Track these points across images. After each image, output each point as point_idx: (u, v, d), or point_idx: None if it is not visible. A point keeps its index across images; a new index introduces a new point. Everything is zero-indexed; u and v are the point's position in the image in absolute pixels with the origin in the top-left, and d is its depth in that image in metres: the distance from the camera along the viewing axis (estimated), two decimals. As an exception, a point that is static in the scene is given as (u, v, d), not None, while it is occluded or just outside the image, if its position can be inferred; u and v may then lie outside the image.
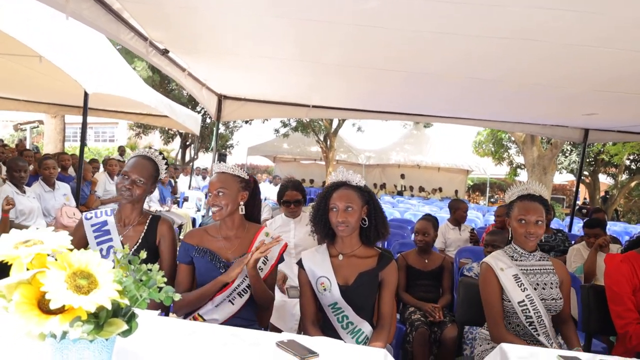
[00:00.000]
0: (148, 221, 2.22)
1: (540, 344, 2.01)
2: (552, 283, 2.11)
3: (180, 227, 7.32)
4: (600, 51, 2.89)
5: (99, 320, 0.92)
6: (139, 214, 2.24)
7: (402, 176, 19.70)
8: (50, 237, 0.94)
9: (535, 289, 2.07)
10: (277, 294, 2.53)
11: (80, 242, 2.15)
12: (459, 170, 20.27)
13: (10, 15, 3.35)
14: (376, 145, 20.83)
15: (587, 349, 2.40)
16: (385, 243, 4.80)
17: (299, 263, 2.05)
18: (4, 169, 5.43)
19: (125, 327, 0.94)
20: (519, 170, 19.17)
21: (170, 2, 2.81)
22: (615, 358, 1.51)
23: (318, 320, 2.01)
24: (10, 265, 0.89)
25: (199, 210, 8.33)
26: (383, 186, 19.24)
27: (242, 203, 2.08)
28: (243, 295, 2.01)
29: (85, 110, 4.59)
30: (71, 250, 0.95)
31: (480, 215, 9.61)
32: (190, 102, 14.44)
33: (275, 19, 2.93)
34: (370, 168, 19.33)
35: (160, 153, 2.36)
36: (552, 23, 2.53)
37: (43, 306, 0.89)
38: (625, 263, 2.15)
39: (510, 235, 2.20)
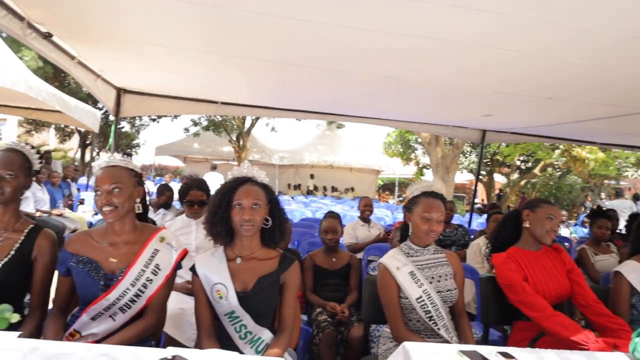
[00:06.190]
0: (27, 231, 1.94)
1: (441, 338, 2.03)
2: (446, 274, 2.16)
3: (74, 232, 6.70)
4: (496, 52, 3.02)
5: None
6: (15, 219, 1.95)
7: (312, 176, 19.86)
8: None
9: (430, 282, 2.10)
10: (174, 301, 2.31)
11: None
12: (370, 170, 20.93)
13: None
14: (290, 145, 20.85)
15: (484, 339, 2.49)
16: (296, 243, 4.72)
17: (192, 269, 1.85)
18: None
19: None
20: (424, 170, 20.20)
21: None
22: (511, 349, 1.53)
23: (215, 330, 1.84)
24: None
25: (96, 213, 7.68)
26: (298, 187, 19.27)
27: (138, 201, 1.87)
28: (126, 311, 1.77)
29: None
30: None
31: (389, 214, 9.92)
32: (91, 97, 13.35)
33: (176, 2, 2.70)
34: (283, 168, 19.25)
35: (34, 147, 2.07)
36: (452, 21, 2.58)
37: None
38: (510, 259, 2.29)
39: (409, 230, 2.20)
